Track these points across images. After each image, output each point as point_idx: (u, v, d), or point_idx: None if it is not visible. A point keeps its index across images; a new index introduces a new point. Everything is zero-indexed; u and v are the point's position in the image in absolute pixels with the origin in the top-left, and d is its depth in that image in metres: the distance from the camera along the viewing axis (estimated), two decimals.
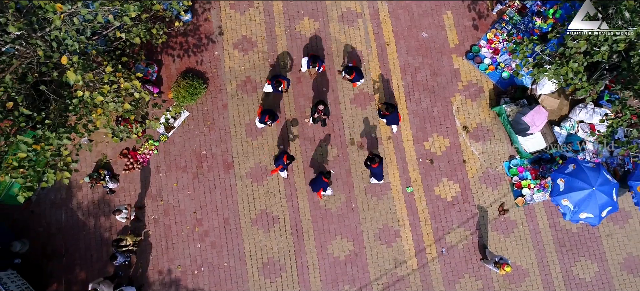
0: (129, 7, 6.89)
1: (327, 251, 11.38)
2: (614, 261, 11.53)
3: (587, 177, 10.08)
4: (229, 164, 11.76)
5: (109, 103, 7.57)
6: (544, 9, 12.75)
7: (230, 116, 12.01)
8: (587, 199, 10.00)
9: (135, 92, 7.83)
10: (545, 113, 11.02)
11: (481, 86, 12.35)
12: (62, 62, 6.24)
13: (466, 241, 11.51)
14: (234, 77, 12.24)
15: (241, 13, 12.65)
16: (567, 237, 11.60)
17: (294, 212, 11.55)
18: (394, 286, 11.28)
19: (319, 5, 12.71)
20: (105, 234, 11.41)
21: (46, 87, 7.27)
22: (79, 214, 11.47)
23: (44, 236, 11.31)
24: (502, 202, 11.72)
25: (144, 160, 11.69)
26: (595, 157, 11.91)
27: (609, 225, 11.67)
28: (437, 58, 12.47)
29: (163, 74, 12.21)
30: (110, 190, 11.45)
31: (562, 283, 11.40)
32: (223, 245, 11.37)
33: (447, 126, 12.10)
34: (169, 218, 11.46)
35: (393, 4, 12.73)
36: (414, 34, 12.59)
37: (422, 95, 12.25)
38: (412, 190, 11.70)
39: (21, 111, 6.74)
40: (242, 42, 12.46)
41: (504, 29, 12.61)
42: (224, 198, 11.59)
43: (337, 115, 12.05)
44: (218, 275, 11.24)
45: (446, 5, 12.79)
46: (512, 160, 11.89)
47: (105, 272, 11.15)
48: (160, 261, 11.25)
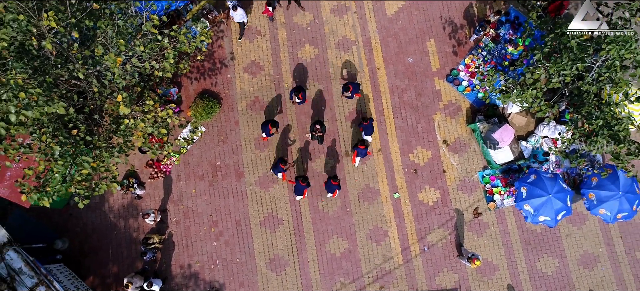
0: (170, 55, 8.66)
1: (325, 249, 13.20)
2: (572, 257, 13.37)
3: (545, 186, 11.93)
4: (240, 173, 13.58)
5: (147, 128, 9.37)
6: (515, 37, 14.57)
7: (241, 131, 13.83)
8: (544, 204, 11.84)
9: (168, 119, 9.64)
10: (511, 131, 12.86)
11: (459, 105, 14.18)
12: (118, 100, 8.04)
13: (445, 241, 13.34)
14: (244, 97, 14.06)
15: (250, 40, 14.47)
16: (532, 237, 13.44)
17: (296, 215, 13.36)
18: (382, 279, 13.11)
19: (318, 33, 14.53)
20: (134, 234, 13.22)
21: (99, 116, 9.07)
22: (110, 216, 13.28)
23: (81, 235, 13.12)
24: (476, 206, 13.54)
25: (166, 170, 13.51)
26: (557, 168, 13.74)
27: (568, 226, 13.51)
28: (421, 80, 14.29)
29: (183, 94, 14.02)
30: (138, 196, 13.26)
31: (527, 277, 13.24)
32: (235, 243, 13.19)
33: (430, 140, 13.93)
34: (188, 220, 13.28)
35: (383, 33, 14.55)
36: (401, 59, 14.42)
37: (408, 113, 14.07)
38: (398, 195, 13.52)
39: (82, 136, 8.53)
40: (251, 66, 14.28)
41: (479, 54, 14.43)
42: (236, 203, 13.40)
43: (334, 130, 13.87)
44: (231, 269, 13.05)
45: (429, 34, 14.61)
46: (485, 170, 13.72)
47: (134, 267, 12.97)
48: (181, 257, 13.07)
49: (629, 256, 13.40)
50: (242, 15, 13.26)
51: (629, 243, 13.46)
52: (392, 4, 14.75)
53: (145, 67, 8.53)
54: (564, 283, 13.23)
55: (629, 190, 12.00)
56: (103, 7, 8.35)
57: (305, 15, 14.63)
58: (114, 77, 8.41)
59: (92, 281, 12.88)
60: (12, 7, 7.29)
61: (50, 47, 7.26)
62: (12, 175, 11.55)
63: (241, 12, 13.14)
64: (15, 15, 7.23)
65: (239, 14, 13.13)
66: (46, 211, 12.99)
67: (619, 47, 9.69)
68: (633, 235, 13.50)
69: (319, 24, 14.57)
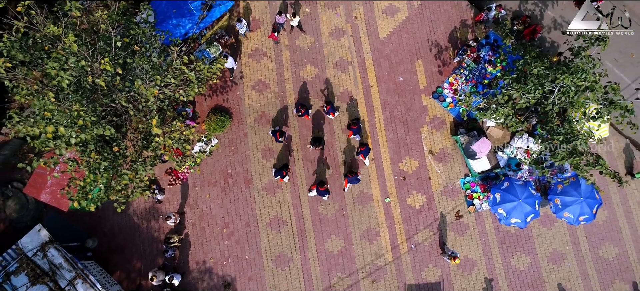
0: (194, 85, 10.39)
1: (324, 247, 14.93)
2: (542, 254, 15.12)
3: (516, 192, 13.69)
4: (248, 180, 15.31)
5: (174, 144, 11.10)
6: (493, 58, 16.32)
7: (250, 143, 15.56)
8: (515, 208, 13.59)
9: (191, 136, 11.36)
10: (488, 143, 14.61)
11: (444, 119, 15.92)
12: (153, 123, 9.75)
13: (430, 240, 15.09)
14: (252, 112, 15.79)
15: (257, 61, 16.20)
16: (507, 236, 15.19)
17: (298, 217, 15.10)
18: (374, 273, 14.85)
19: (317, 55, 16.27)
20: (155, 234, 14.95)
21: (133, 135, 10.80)
22: (134, 218, 15.00)
23: (108, 235, 14.85)
24: (458, 209, 15.29)
25: (183, 177, 15.23)
26: (530, 175, 15.49)
27: (539, 227, 15.26)
28: (410, 97, 16.04)
29: (197, 109, 15.75)
30: (158, 200, 14.98)
31: (503, 272, 14.99)
32: (245, 242, 14.92)
33: (417, 151, 15.67)
34: (203, 221, 15.01)
35: (376, 54, 16.30)
36: (392, 78, 16.16)
37: (398, 126, 15.81)
38: (389, 200, 15.26)
39: (122, 152, 10.26)
40: (258, 84, 16.01)
41: (462, 74, 16.17)
42: (245, 206, 15.14)
43: (332, 142, 15.61)
44: (241, 265, 14.78)
45: (418, 55, 16.36)
46: (466, 177, 15.47)
47: (156, 263, 14.69)
48: (197, 254, 14.80)
49: (593, 253, 15.15)
50: (232, 62, 14.93)
51: (593, 242, 15.22)
52: (384, 28, 16.50)
53: (175, 95, 10.27)
54: (534, 277, 14.98)
55: (590, 195, 13.75)
56: (141, 47, 10.07)
57: (307, 38, 16.36)
58: (148, 103, 10.14)
59: (119, 276, 14.60)
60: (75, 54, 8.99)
61: (103, 84, 8.98)
62: (52, 183, 13.29)
63: (231, 60, 14.81)
64: (77, 61, 8.93)
65: (230, 61, 14.78)
66: (77, 213, 14.70)
67: (572, 76, 11.43)
68: (596, 235, 15.25)
69: (318, 46, 16.31)
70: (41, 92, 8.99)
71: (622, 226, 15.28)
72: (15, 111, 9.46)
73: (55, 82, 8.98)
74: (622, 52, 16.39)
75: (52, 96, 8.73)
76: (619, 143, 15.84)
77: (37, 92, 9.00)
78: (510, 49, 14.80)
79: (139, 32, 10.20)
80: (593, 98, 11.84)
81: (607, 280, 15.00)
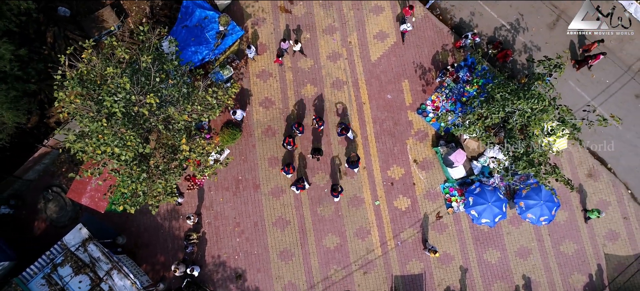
0: (216, 110, 12.68)
1: (322, 244, 17.26)
2: (511, 250, 17.46)
3: (486, 196, 16.03)
4: (256, 185, 17.62)
5: (198, 157, 13.40)
6: (471, 78, 18.64)
7: (258, 153, 17.88)
8: (485, 210, 15.94)
9: (212, 151, 13.67)
10: (463, 154, 16.95)
11: (427, 132, 18.25)
12: (182, 142, 12.05)
13: (414, 237, 17.42)
14: (260, 126, 18.11)
15: (264, 80, 18.51)
16: (480, 234, 17.53)
17: (300, 218, 17.42)
18: (366, 266, 17.19)
19: (317, 75, 18.58)
20: (175, 232, 17.26)
21: (163, 150, 13.12)
22: (157, 218, 17.31)
23: (135, 233, 17.15)
24: (439, 211, 17.62)
25: (200, 183, 17.54)
26: (502, 181, 17.83)
27: (509, 226, 17.60)
28: (397, 113, 18.36)
29: (212, 124, 18.06)
30: (178, 203, 17.28)
31: (477, 265, 17.32)
32: (253, 239, 17.23)
33: (403, 160, 18.00)
34: (217, 221, 17.32)
35: (368, 75, 18.62)
36: (382, 96, 18.47)
37: (386, 138, 18.14)
38: (379, 202, 17.59)
39: (157, 165, 12.57)
40: (265, 101, 18.32)
41: (443, 92, 18.49)
42: (253, 208, 17.45)
43: (330, 153, 17.93)
44: (250, 259, 17.10)
45: (404, 76, 18.67)
46: (446, 183, 17.80)
47: (177, 257, 17.00)
48: (212, 250, 17.11)
49: (555, 249, 17.50)
50: (241, 114, 17.20)
51: (555, 239, 17.57)
52: (375, 52, 18.83)
53: (200, 118, 12.62)
54: (504, 269, 17.32)
55: (549, 199, 16.09)
56: (173, 79, 12.40)
57: (307, 61, 18.68)
58: (178, 125, 12.47)
59: (145, 268, 16.91)
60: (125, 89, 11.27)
61: (146, 112, 11.29)
62: (91, 189, 15.59)
63: (240, 112, 17.10)
64: (127, 95, 11.25)
65: (239, 113, 17.06)
66: (108, 214, 17.01)
67: (527, 102, 13.77)
68: (558, 233, 17.60)
69: (317, 67, 18.63)
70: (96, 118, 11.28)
71: (580, 226, 17.63)
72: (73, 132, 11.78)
73: (106, 111, 11.29)
74: (584, 73, 18.76)
75: (105, 122, 11.03)
76: (580, 153, 18.17)
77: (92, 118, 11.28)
78: (483, 72, 17.15)
79: (171, 67, 12.51)
80: (546, 118, 14.17)
81: (567, 272, 17.35)
